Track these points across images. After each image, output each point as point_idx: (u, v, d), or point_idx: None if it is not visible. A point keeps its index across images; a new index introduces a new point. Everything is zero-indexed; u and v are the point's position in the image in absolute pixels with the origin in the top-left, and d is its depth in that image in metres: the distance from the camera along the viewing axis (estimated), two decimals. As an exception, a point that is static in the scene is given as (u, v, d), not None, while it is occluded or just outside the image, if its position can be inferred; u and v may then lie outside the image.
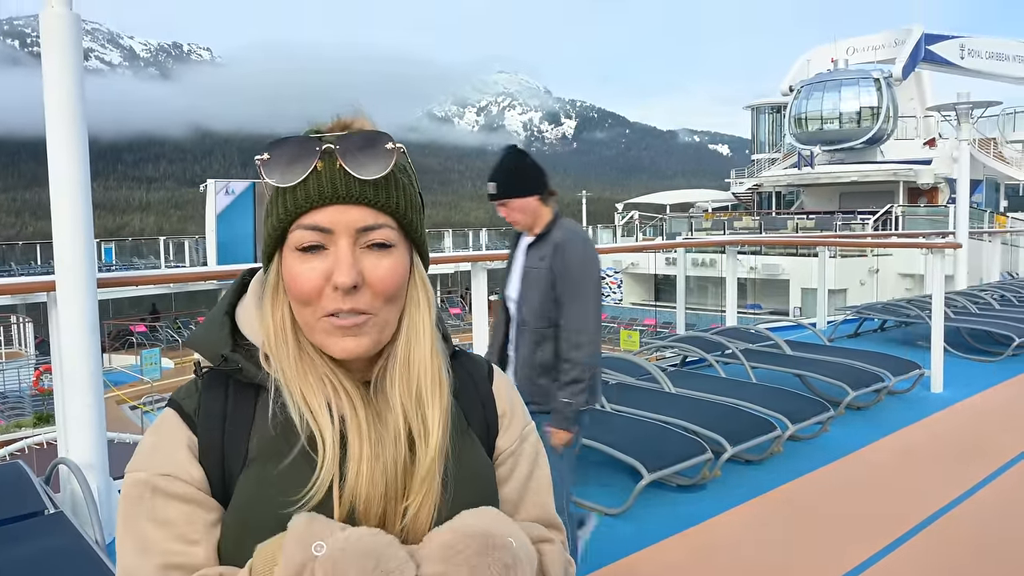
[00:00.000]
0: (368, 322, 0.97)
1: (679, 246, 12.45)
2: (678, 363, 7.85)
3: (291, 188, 0.96)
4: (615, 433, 4.84)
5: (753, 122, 45.48)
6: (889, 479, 4.98)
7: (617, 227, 40.08)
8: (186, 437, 0.99)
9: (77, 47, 2.67)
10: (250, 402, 1.01)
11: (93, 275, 3.03)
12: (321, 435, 0.95)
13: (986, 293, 11.14)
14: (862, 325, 10.48)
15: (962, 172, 11.22)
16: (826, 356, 7.18)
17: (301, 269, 0.95)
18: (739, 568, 3.78)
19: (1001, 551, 3.92)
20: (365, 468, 0.94)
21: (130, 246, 33.25)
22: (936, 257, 7.49)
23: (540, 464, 1.19)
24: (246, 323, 1.04)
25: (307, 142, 0.96)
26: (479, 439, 1.10)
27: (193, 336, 1.06)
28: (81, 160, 2.78)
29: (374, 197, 0.96)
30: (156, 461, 0.98)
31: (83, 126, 2.79)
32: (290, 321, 1.00)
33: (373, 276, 0.96)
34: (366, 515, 0.94)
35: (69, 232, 2.89)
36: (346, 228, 0.95)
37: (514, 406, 1.18)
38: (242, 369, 1.00)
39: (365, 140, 0.96)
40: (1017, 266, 19.45)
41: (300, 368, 0.98)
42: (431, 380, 1.01)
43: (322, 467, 0.93)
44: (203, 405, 1.01)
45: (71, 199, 2.81)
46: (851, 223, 29.15)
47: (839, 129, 35.16)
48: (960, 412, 6.57)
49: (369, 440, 0.96)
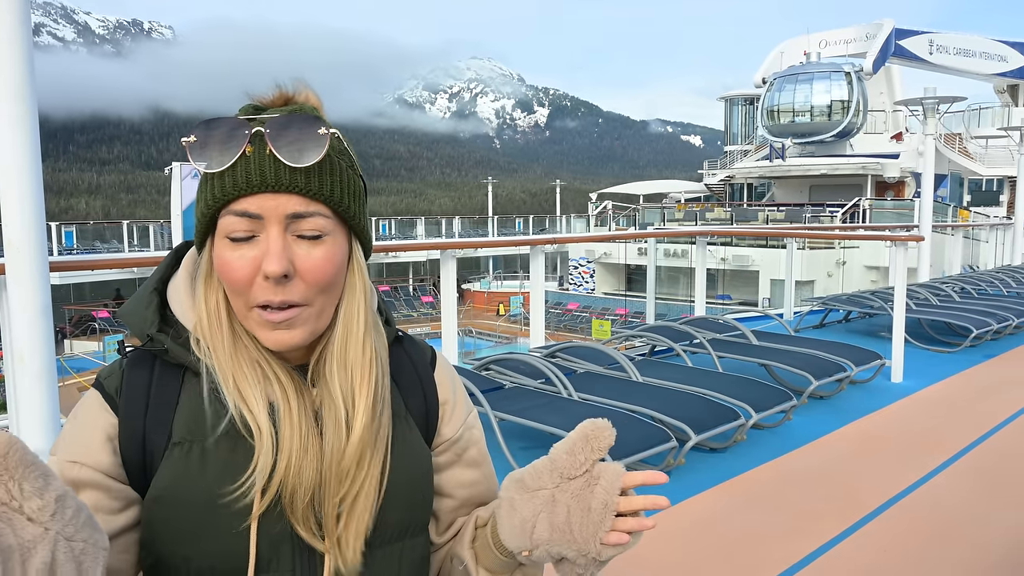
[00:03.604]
0: (301, 314, 0.94)
1: (650, 236, 12.52)
2: (647, 352, 7.89)
3: (219, 174, 0.92)
4: (580, 421, 4.83)
5: (727, 114, 45.79)
6: (849, 466, 5.05)
7: (591, 217, 40.20)
8: (104, 421, 0.97)
9: (25, 18, 2.60)
10: (175, 383, 0.99)
11: (44, 257, 2.96)
12: (257, 425, 0.93)
13: (947, 286, 11.31)
14: (827, 316, 10.60)
15: (927, 166, 11.36)
16: (791, 346, 7.24)
17: (231, 257, 0.92)
18: (703, 553, 3.81)
19: (956, 534, 3.99)
20: (293, 460, 0.93)
21: (92, 230, 32.69)
22: (900, 250, 7.58)
23: (486, 451, 1.19)
24: (176, 302, 1.01)
25: (237, 125, 0.92)
26: (417, 425, 1.09)
27: (122, 310, 1.04)
28: (31, 138, 2.71)
29: (305, 185, 0.92)
30: (68, 446, 0.97)
31: (33, 101, 2.72)
32: (224, 307, 0.98)
33: (304, 266, 0.93)
34: (291, 506, 0.93)
35: (18, 213, 2.81)
36: (276, 215, 0.92)
37: (456, 394, 1.16)
38: (168, 350, 0.98)
39: (298, 124, 0.92)
40: (978, 259, 19.76)
41: (235, 356, 0.96)
42: (361, 373, 0.99)
43: (259, 457, 0.92)
44: (126, 385, 0.98)
45: (20, 179, 2.74)
46: (820, 215, 29.48)
47: (810, 122, 35.53)
48: (919, 401, 6.67)
49: (300, 431, 0.94)
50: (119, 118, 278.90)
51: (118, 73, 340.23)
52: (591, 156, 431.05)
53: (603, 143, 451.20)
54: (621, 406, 5.18)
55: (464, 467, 1.14)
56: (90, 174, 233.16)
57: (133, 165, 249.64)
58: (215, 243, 0.95)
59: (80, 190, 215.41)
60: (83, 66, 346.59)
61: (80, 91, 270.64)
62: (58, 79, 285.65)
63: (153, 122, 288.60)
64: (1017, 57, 38.44)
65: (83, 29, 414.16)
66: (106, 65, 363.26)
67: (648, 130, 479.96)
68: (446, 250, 6.60)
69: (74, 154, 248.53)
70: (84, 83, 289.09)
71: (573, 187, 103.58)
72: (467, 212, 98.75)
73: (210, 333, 0.97)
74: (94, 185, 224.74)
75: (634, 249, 27.61)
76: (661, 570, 3.63)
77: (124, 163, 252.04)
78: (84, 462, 0.94)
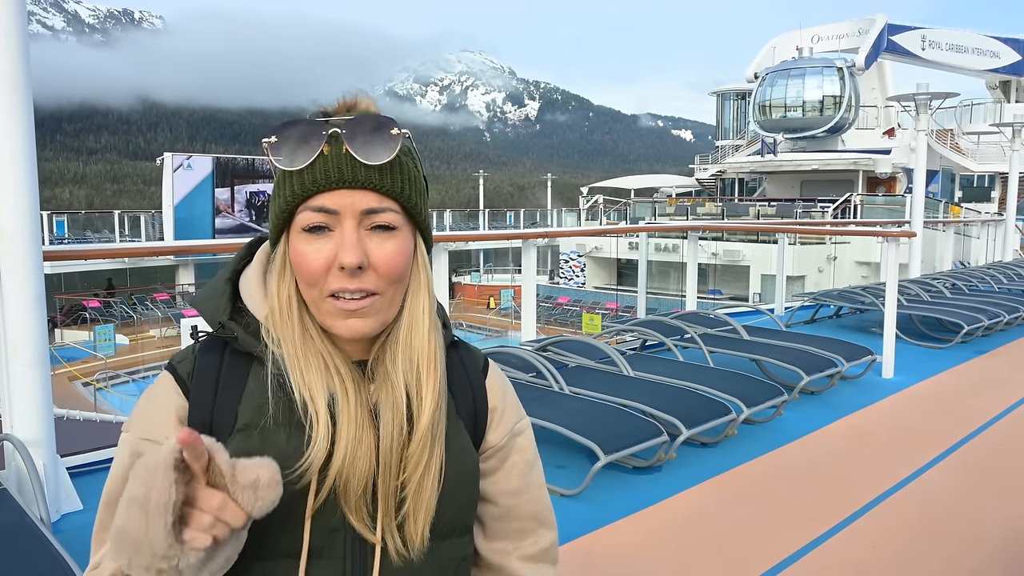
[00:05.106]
0: (373, 303, 0.99)
1: (642, 230, 12.54)
2: (637, 347, 7.90)
3: (298, 171, 0.98)
4: (572, 415, 4.85)
5: (718, 108, 45.79)
6: (840, 461, 5.08)
7: (582, 211, 40.18)
8: (175, 402, 1.03)
9: (21, 7, 2.58)
10: (243, 370, 1.04)
11: (38, 246, 2.95)
12: (316, 415, 0.98)
13: (938, 281, 11.36)
14: (818, 311, 10.64)
15: (919, 162, 11.40)
16: (782, 341, 7.27)
17: (307, 249, 0.98)
18: (693, 548, 3.82)
19: (945, 529, 4.02)
20: (348, 450, 0.97)
21: (84, 219, 32.50)
22: (891, 245, 7.61)
23: (536, 461, 1.21)
24: (247, 293, 1.06)
25: (314, 126, 0.98)
26: (466, 429, 1.12)
27: (196, 297, 1.10)
28: (26, 127, 2.70)
29: (379, 182, 0.98)
30: (142, 424, 1.03)
31: (28, 90, 2.70)
32: (296, 300, 1.02)
33: (377, 257, 0.98)
34: (345, 495, 0.97)
35: (12, 202, 2.80)
36: (351, 210, 0.97)
37: (507, 402, 1.18)
38: (238, 338, 1.03)
39: (372, 125, 0.98)
40: (969, 255, 19.85)
41: (302, 346, 1.01)
42: (428, 362, 1.03)
43: (315, 445, 0.96)
44: (197, 370, 1.04)
45: (14, 168, 2.73)
46: (811, 211, 29.56)
47: (802, 117, 35.55)
48: (909, 397, 6.71)
49: (355, 423, 0.99)
50: (107, 108, 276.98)
51: (107, 62, 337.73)
52: (581, 150, 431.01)
53: (593, 137, 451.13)
54: (612, 400, 5.19)
55: (507, 475, 1.16)
56: (76, 163, 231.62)
57: (120, 155, 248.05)
58: (291, 237, 1.01)
59: (65, 179, 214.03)
60: (72, 55, 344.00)
61: (69, 80, 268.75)
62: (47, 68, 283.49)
63: (141, 112, 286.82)
64: (1009, 53, 38.56)
65: (73, 18, 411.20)
66: (95, 54, 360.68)
67: (639, 124, 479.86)
68: (438, 243, 6.60)
69: (61, 143, 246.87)
70: (73, 72, 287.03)
71: (563, 181, 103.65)
72: (454, 205, 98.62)
73: (280, 324, 1.02)
74: (79, 174, 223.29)
75: (625, 243, 27.61)
76: (651, 564, 3.65)
77: (111, 153, 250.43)
78: (158, 440, 0.99)
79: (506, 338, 25.37)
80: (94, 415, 10.43)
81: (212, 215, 23.95)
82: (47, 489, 3.50)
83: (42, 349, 3.18)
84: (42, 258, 3.03)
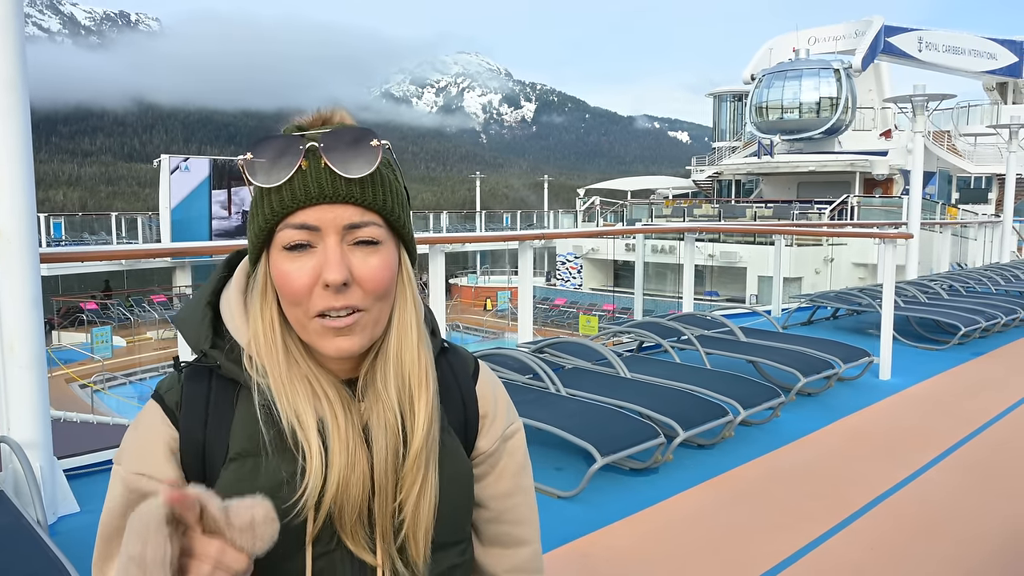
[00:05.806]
0: (359, 320, 0.96)
1: (638, 232, 12.56)
2: (634, 348, 7.90)
3: (276, 188, 0.95)
4: (569, 417, 4.85)
5: (715, 110, 45.84)
6: (837, 463, 5.08)
7: (578, 212, 40.20)
8: (165, 433, 1.01)
9: (18, 9, 2.58)
10: (230, 397, 1.01)
11: (35, 248, 2.95)
12: (308, 443, 0.95)
13: (935, 283, 11.37)
14: (815, 313, 10.64)
15: (916, 164, 11.43)
16: (779, 343, 7.27)
17: (290, 268, 0.95)
18: (690, 550, 3.82)
19: (943, 531, 4.02)
20: (341, 477, 0.95)
21: (80, 221, 32.45)
22: (888, 247, 7.62)
23: (526, 464, 1.19)
24: (228, 318, 1.03)
25: (290, 140, 0.95)
26: (457, 436, 1.11)
27: (178, 319, 1.07)
28: (22, 128, 2.69)
29: (361, 196, 0.95)
30: (133, 457, 1.00)
31: (24, 92, 2.70)
32: (279, 322, 1.00)
33: (362, 272, 0.95)
34: (340, 521, 0.96)
35: (9, 204, 2.80)
36: (333, 225, 0.94)
37: (497, 407, 1.17)
38: (221, 367, 1.01)
39: (350, 137, 0.95)
40: (966, 257, 19.87)
41: (288, 373, 0.98)
42: (419, 378, 1.01)
43: (309, 476, 0.94)
44: (185, 399, 1.01)
45: (11, 169, 2.72)
46: (808, 212, 29.60)
47: (799, 119, 35.62)
48: (907, 399, 6.72)
49: (348, 447, 0.97)
50: (103, 109, 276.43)
51: (103, 64, 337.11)
52: (577, 151, 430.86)
53: (590, 138, 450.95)
54: (609, 402, 5.19)
55: (498, 478, 1.15)
56: (71, 165, 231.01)
57: (115, 157, 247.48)
58: (271, 256, 0.98)
59: (60, 181, 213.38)
60: (68, 57, 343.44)
61: (65, 82, 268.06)
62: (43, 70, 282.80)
63: (137, 114, 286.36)
64: (1006, 55, 38.67)
65: (69, 20, 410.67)
66: (91, 56, 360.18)
67: (635, 126, 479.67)
68: (435, 245, 6.60)
69: (56, 145, 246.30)
70: (69, 74, 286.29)
71: (559, 182, 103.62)
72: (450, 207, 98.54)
73: (265, 349, 0.99)
74: (74, 176, 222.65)
75: (622, 245, 27.66)
76: (648, 566, 3.65)
77: (106, 155, 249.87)
78: (151, 474, 0.98)
79: (503, 340, 25.38)
80: (91, 417, 10.39)
81: (210, 217, 23.90)
82: (44, 491, 3.49)
83: (39, 351, 3.18)
84: (39, 260, 3.03)
